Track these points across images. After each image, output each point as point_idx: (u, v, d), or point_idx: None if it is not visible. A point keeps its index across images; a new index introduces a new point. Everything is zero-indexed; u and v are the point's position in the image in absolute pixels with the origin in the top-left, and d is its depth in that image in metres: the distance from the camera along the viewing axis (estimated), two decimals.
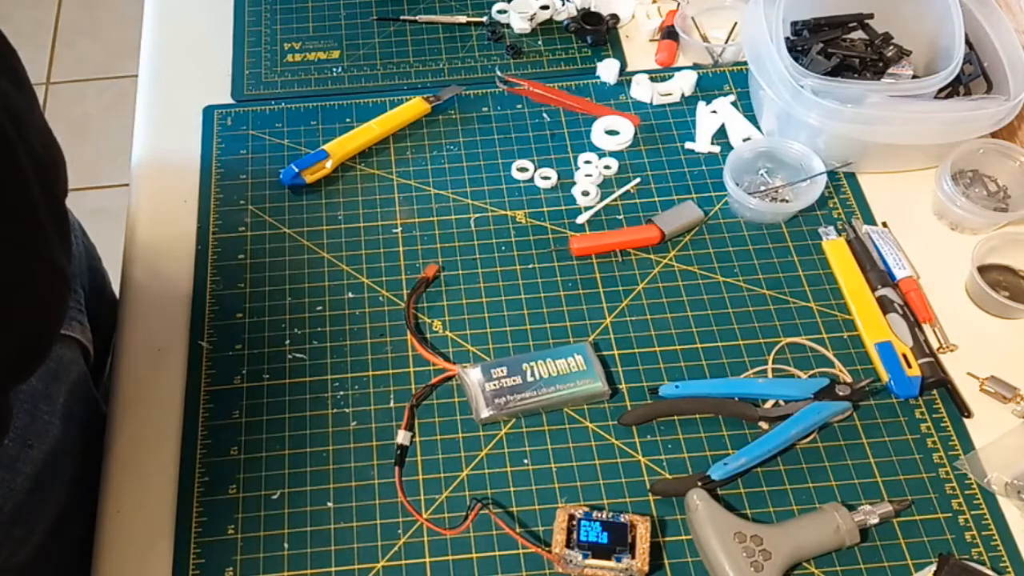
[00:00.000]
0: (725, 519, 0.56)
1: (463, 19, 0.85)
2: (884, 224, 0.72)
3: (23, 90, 0.48)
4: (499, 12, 0.86)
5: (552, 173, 0.75)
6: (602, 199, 0.74)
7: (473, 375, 0.62)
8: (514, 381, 0.62)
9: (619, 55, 0.84)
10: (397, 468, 0.60)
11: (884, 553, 0.57)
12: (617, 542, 0.56)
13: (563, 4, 0.85)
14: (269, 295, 0.69)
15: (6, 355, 0.48)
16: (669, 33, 0.84)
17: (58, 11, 1.84)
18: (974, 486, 0.60)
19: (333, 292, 0.69)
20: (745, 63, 0.75)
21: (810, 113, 0.69)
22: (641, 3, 0.86)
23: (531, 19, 0.84)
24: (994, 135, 0.73)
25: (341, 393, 0.64)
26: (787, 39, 0.75)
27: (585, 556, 0.55)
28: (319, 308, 0.68)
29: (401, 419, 0.62)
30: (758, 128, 0.78)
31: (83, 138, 1.68)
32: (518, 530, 0.58)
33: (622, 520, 0.56)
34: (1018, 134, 0.74)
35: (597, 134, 0.77)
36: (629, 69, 0.83)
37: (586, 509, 0.57)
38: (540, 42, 0.84)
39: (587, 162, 0.76)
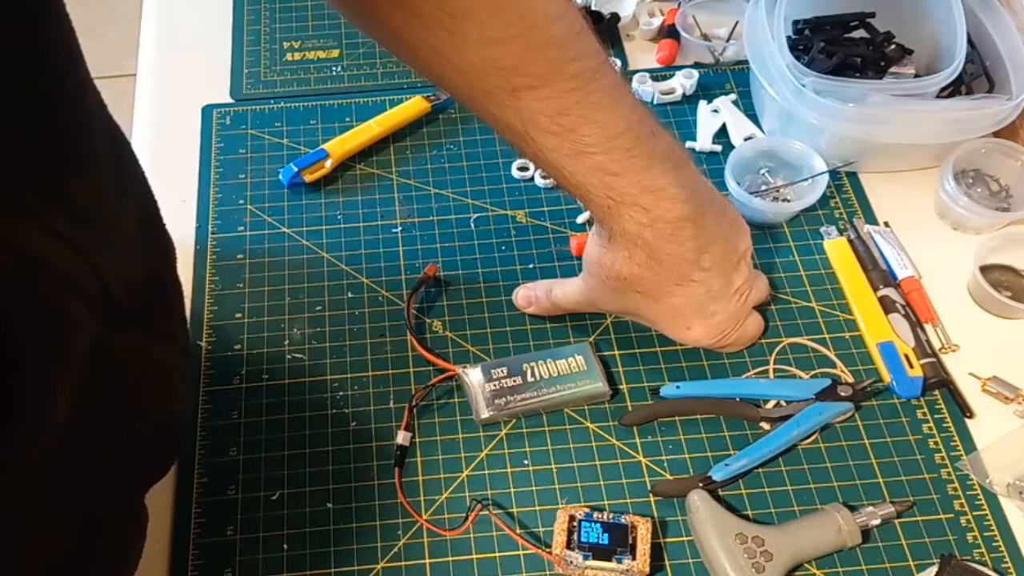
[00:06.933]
0: (726, 520, 0.56)
1: None
2: (886, 224, 0.72)
3: None
4: None
5: None
6: None
7: (473, 375, 0.62)
8: (514, 381, 0.62)
9: (620, 54, 0.84)
10: (397, 469, 0.60)
11: (886, 554, 0.57)
12: (618, 543, 0.55)
13: None
14: (268, 295, 0.68)
15: (147, 452, 0.47)
16: (670, 32, 0.83)
17: None
18: (976, 487, 0.60)
19: (333, 292, 0.69)
20: (746, 62, 0.75)
21: (811, 112, 0.69)
22: (642, 2, 0.86)
23: None
24: (996, 134, 0.72)
25: (340, 394, 0.64)
26: (789, 38, 0.74)
27: (586, 557, 0.55)
28: (318, 308, 0.68)
29: (401, 420, 0.62)
30: (759, 127, 0.78)
31: None
32: (518, 531, 0.58)
33: (623, 521, 0.56)
34: (1020, 133, 0.73)
35: None
36: (630, 68, 0.82)
37: (587, 510, 0.57)
38: None
39: None
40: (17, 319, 0.31)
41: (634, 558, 0.55)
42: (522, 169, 0.75)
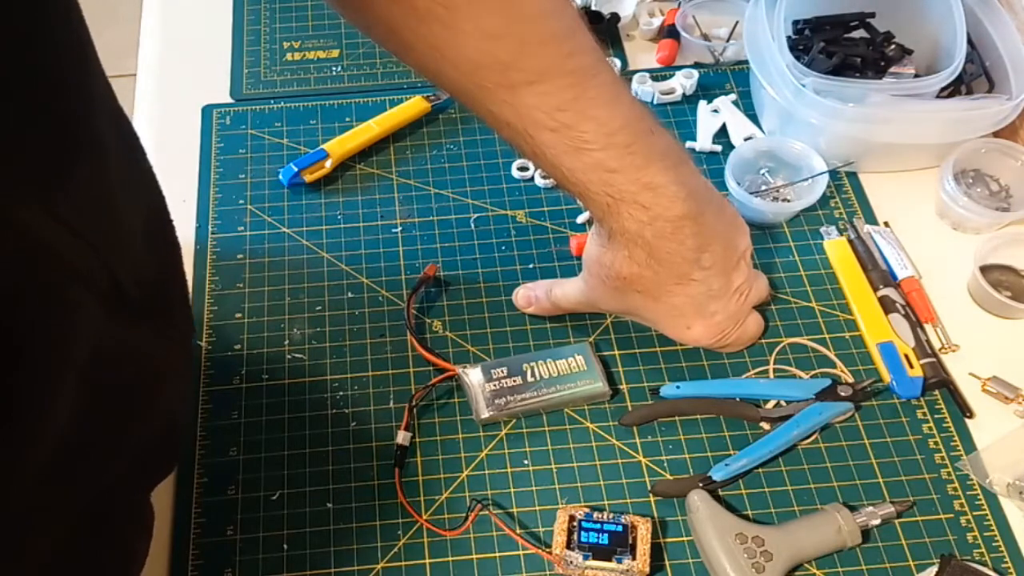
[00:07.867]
0: (726, 520, 0.56)
1: None
2: (886, 224, 0.72)
3: None
4: None
5: None
6: None
7: (473, 375, 0.62)
8: (514, 381, 0.62)
9: (620, 54, 0.84)
10: (396, 469, 0.60)
11: (886, 554, 0.57)
12: (618, 543, 0.55)
13: None
14: (268, 295, 0.68)
15: (147, 453, 0.47)
16: (670, 32, 0.83)
17: None
18: (976, 487, 0.60)
19: (333, 292, 0.69)
20: (746, 62, 0.75)
21: (811, 112, 0.69)
22: (642, 2, 0.86)
23: None
24: (996, 134, 0.72)
25: (340, 394, 0.64)
26: (789, 38, 0.74)
27: (586, 557, 0.55)
28: (318, 308, 0.68)
29: (401, 420, 0.62)
30: (759, 127, 0.77)
31: None
32: (518, 531, 0.58)
33: (623, 521, 0.56)
34: (1020, 133, 0.73)
35: None
36: (630, 68, 0.83)
37: (587, 510, 0.57)
38: None
39: None
40: (19, 305, 0.31)
41: (634, 558, 0.55)
42: (522, 169, 0.75)
